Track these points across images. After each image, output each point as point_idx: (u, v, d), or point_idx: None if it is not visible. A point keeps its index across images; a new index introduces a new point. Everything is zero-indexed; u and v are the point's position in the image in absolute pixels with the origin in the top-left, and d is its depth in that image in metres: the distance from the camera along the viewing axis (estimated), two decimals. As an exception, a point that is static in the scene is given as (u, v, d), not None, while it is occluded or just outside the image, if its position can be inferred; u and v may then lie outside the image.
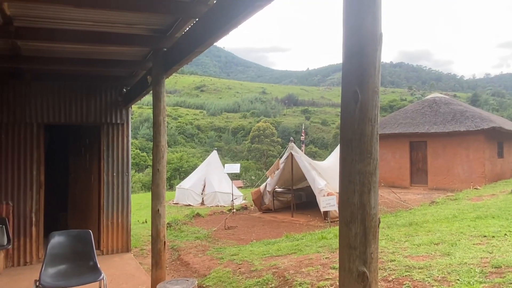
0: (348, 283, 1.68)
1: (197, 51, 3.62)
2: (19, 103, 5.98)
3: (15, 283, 5.07)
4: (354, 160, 1.65)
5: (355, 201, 1.65)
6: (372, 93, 1.65)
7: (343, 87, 1.72)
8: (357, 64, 1.67)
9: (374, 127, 1.65)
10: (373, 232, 1.67)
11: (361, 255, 1.64)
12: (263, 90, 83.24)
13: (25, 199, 5.96)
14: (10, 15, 3.59)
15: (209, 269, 5.50)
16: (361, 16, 1.66)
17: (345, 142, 1.69)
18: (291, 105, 72.40)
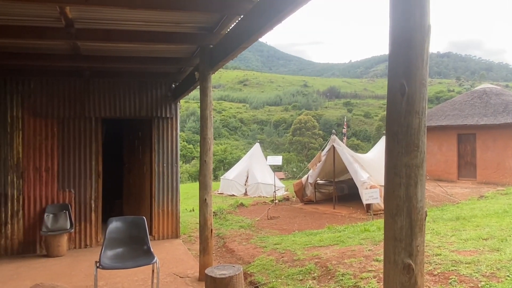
0: (393, 275, 1.69)
1: (242, 47, 3.74)
2: (79, 99, 6.47)
3: (77, 263, 5.55)
4: (400, 153, 1.65)
5: (401, 194, 1.65)
6: (419, 86, 1.65)
7: (389, 79, 1.72)
8: (404, 56, 1.66)
9: (421, 120, 1.65)
10: (419, 225, 1.66)
11: (407, 248, 1.65)
12: (305, 83, 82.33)
13: (85, 187, 6.48)
14: (71, 18, 3.91)
15: (253, 256, 5.68)
16: (409, 7, 1.64)
17: (391, 135, 1.70)
18: (333, 98, 71.07)
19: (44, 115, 6.31)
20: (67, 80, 6.41)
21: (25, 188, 6.21)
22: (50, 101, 6.34)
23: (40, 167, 6.28)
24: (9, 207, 6.12)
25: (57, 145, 6.37)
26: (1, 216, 6.07)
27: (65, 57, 5.27)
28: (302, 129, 41.88)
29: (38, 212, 6.24)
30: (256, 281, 4.51)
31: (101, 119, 6.64)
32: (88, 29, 4.23)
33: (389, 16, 1.71)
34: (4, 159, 6.10)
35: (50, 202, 6.30)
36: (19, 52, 5.07)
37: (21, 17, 3.84)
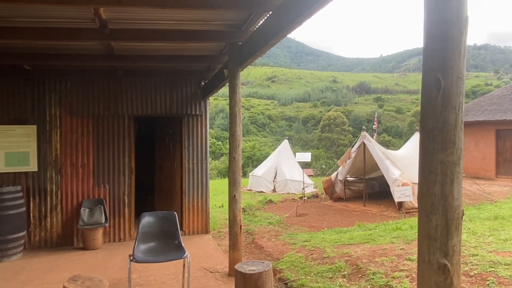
0: (427, 275, 1.65)
1: (271, 43, 3.73)
2: (112, 98, 6.68)
3: (111, 256, 5.75)
4: (435, 149, 1.60)
5: (436, 192, 1.61)
6: (456, 80, 1.59)
7: (424, 73, 1.67)
8: (439, 49, 1.60)
9: (458, 115, 1.59)
10: (456, 224, 1.61)
11: (442, 247, 1.61)
12: (334, 79, 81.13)
13: (119, 183, 6.69)
14: (105, 19, 4.03)
15: (282, 253, 5.69)
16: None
17: (426, 131, 1.64)
18: (363, 93, 69.57)
19: (80, 114, 6.57)
20: (101, 80, 6.63)
21: (63, 183, 6.49)
22: (85, 100, 6.59)
23: (76, 163, 6.54)
24: (48, 201, 6.42)
25: (92, 142, 6.61)
26: (41, 210, 6.38)
27: (99, 57, 5.44)
28: (331, 125, 41.36)
29: (75, 206, 6.51)
30: (285, 277, 4.51)
31: (133, 117, 6.83)
32: (120, 29, 4.35)
33: (424, 8, 1.65)
34: (44, 155, 6.40)
35: (86, 197, 6.56)
36: (57, 53, 5.29)
37: (59, 19, 4.01)
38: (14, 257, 5.73)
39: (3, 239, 5.55)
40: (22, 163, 6.31)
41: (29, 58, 5.31)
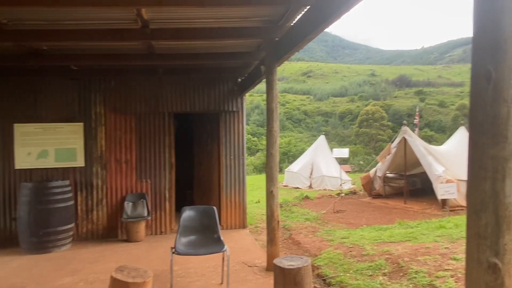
0: (476, 274, 1.59)
1: (308, 38, 3.69)
2: (153, 96, 6.90)
3: (153, 249, 5.96)
4: (485, 144, 1.53)
5: (486, 189, 1.54)
6: (508, 71, 1.49)
7: (473, 65, 1.59)
8: (491, 39, 1.52)
9: (510, 108, 1.50)
10: (507, 222, 1.54)
11: (493, 246, 1.54)
12: (372, 72, 78.93)
13: (160, 178, 6.92)
14: (147, 19, 4.16)
15: (319, 249, 5.65)
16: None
17: (475, 125, 1.57)
18: (403, 87, 67.13)
19: (123, 111, 6.84)
20: (143, 78, 6.87)
21: (107, 178, 6.79)
22: (128, 98, 6.85)
23: (120, 159, 6.83)
24: (94, 195, 6.75)
25: (135, 138, 6.87)
26: (88, 203, 6.73)
27: (141, 57, 5.63)
28: (369, 120, 40.35)
29: (119, 200, 6.80)
30: (324, 274, 4.49)
31: (173, 114, 7.02)
32: (161, 29, 4.47)
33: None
34: (90, 151, 6.73)
35: (129, 191, 6.83)
36: (101, 54, 5.53)
37: (104, 21, 4.19)
38: (64, 247, 6.09)
39: (54, 231, 5.91)
40: (70, 158, 6.67)
41: (76, 58, 5.60)
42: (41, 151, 6.57)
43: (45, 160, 6.59)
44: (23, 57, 5.36)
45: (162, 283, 4.26)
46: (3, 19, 4.03)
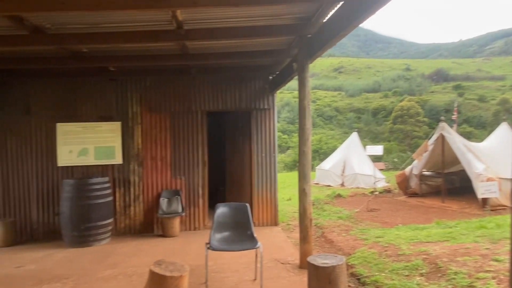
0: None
1: (342, 34, 3.65)
2: (186, 95, 7.05)
3: (188, 244, 6.10)
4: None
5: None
6: None
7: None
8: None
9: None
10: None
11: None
12: (407, 67, 76.45)
13: (193, 175, 7.07)
14: (181, 20, 4.26)
15: (353, 248, 5.58)
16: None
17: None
18: (440, 81, 64.55)
19: (158, 110, 7.03)
20: (177, 78, 7.03)
21: (144, 175, 7.02)
22: (162, 97, 7.03)
23: (156, 157, 7.03)
24: (132, 191, 7.00)
25: (170, 136, 7.05)
26: (125, 199, 6.98)
27: (175, 57, 5.76)
28: (404, 116, 39.18)
29: (155, 196, 7.01)
30: (358, 273, 4.43)
31: (205, 112, 7.15)
32: (195, 29, 4.56)
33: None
34: (127, 149, 6.97)
35: (164, 187, 7.03)
36: (137, 55, 5.71)
37: (140, 23, 4.32)
38: (104, 241, 6.36)
39: (94, 225, 6.18)
40: (109, 156, 6.94)
41: (113, 60, 5.80)
42: (81, 149, 6.88)
43: (85, 157, 6.89)
44: (65, 60, 5.62)
45: (197, 277, 4.36)
46: (47, 24, 4.25)
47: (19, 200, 6.78)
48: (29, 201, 6.80)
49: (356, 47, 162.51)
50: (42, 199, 6.82)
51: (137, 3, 3.29)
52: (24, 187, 6.79)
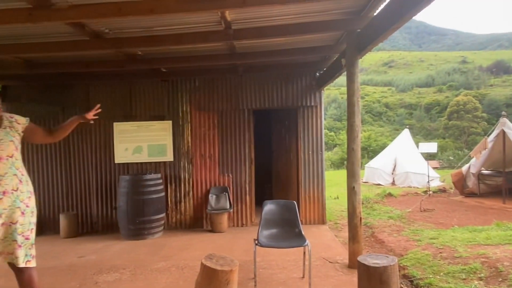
0: None
1: (394, 28, 3.53)
2: (233, 93, 7.18)
3: (236, 240, 6.22)
4: None
5: None
6: None
7: None
8: None
9: None
10: None
11: None
12: (463, 59, 71.95)
13: (241, 172, 7.19)
14: (230, 20, 4.34)
15: (405, 249, 5.39)
16: None
17: None
18: (500, 74, 60.00)
19: (207, 109, 7.22)
20: (224, 77, 7.17)
21: (193, 172, 7.25)
22: (211, 96, 7.21)
23: (204, 154, 7.24)
24: (182, 188, 7.26)
25: (218, 134, 7.22)
26: (176, 195, 7.26)
27: (223, 57, 5.88)
28: (460, 111, 36.99)
29: (204, 193, 7.22)
30: (411, 275, 4.28)
31: (252, 110, 7.23)
32: (243, 29, 4.63)
33: None
34: (178, 147, 7.24)
35: (213, 184, 7.21)
36: (187, 56, 5.90)
37: (190, 25, 4.47)
38: (157, 235, 6.66)
39: (148, 219, 6.49)
40: (161, 154, 7.25)
41: (165, 61, 6.05)
42: (136, 147, 7.25)
43: (139, 155, 7.25)
44: (121, 62, 5.95)
45: (246, 273, 4.44)
46: (105, 29, 4.53)
47: (80, 194, 7.29)
48: (90, 196, 7.29)
49: (407, 40, 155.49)
50: (101, 194, 7.29)
51: (188, 6, 3.40)
52: (85, 182, 7.29)
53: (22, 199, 2.81)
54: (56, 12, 3.51)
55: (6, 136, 2.82)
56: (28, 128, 2.97)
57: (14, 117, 2.94)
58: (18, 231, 2.76)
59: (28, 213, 2.85)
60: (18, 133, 2.91)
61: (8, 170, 2.75)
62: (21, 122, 2.95)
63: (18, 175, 2.82)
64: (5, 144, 2.78)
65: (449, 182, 12.83)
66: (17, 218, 2.76)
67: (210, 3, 3.41)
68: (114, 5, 3.48)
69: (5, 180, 2.72)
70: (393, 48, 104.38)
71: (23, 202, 2.81)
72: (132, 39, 4.78)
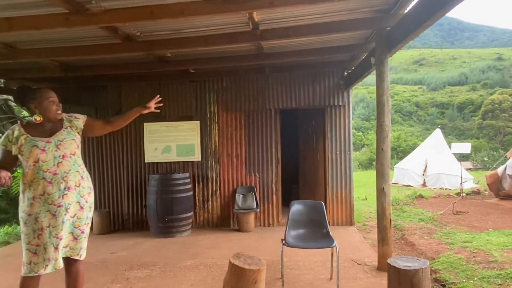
0: None
1: (425, 25, 3.44)
2: (260, 93, 7.20)
3: (263, 240, 6.24)
4: None
5: None
6: None
7: None
8: None
9: None
10: None
11: None
12: (499, 56, 68.94)
13: (267, 172, 7.20)
14: (257, 21, 4.36)
15: (437, 253, 5.24)
16: None
17: None
18: (541, 70, 57.12)
19: (234, 109, 7.28)
20: (251, 77, 7.21)
21: (220, 171, 7.33)
22: (238, 97, 7.27)
23: (231, 154, 7.30)
24: (210, 187, 7.35)
25: (244, 134, 7.27)
26: (204, 194, 7.36)
27: (250, 57, 5.91)
28: (495, 111, 35.51)
29: (231, 192, 7.29)
30: (443, 279, 4.15)
31: (279, 110, 7.23)
32: (270, 29, 4.63)
33: None
34: (205, 147, 7.34)
35: (239, 184, 7.27)
36: (215, 57, 5.97)
37: (218, 26, 4.52)
38: (185, 233, 6.78)
39: (177, 218, 6.62)
40: (189, 153, 7.37)
41: (194, 63, 6.14)
42: (165, 146, 7.41)
43: (168, 154, 7.40)
44: (151, 64, 6.09)
45: (273, 272, 4.46)
46: (137, 32, 4.65)
47: (112, 192, 7.53)
48: (121, 194, 7.52)
49: (439, 37, 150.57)
50: (131, 193, 7.49)
51: (218, 8, 3.45)
52: (116, 181, 7.52)
53: (83, 195, 2.98)
54: (91, 16, 3.64)
55: (68, 135, 3.01)
56: (87, 123, 3.15)
57: (73, 115, 3.13)
58: (75, 224, 2.94)
59: (87, 208, 3.02)
60: (78, 131, 3.10)
61: (71, 167, 2.93)
62: (80, 117, 3.15)
63: (80, 171, 2.99)
64: (68, 143, 2.96)
65: (483, 184, 12.36)
66: (76, 212, 2.93)
67: (239, 5, 3.44)
68: (146, 9, 3.57)
69: (69, 177, 2.89)
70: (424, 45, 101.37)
71: (83, 198, 2.98)
72: (162, 41, 4.89)
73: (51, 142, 2.90)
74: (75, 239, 2.95)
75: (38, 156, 2.84)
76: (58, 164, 2.87)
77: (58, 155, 2.89)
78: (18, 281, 2.86)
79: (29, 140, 2.86)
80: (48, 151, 2.87)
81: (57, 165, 2.86)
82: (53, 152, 2.88)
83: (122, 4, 3.61)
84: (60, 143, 2.92)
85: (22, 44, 5.00)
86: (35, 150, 2.84)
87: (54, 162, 2.86)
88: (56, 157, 2.88)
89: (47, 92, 2.99)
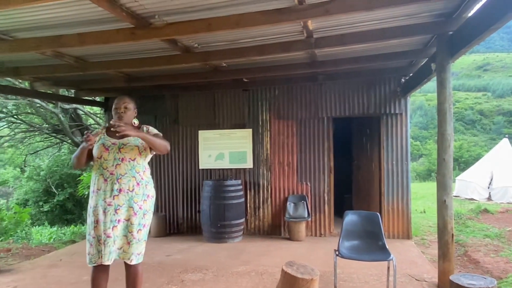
0: None
1: (492, 29, 3.25)
2: (313, 101, 7.16)
3: (314, 249, 6.15)
4: None
5: None
6: None
7: None
8: None
9: None
10: None
11: None
12: None
13: (319, 181, 7.11)
14: (312, 29, 4.36)
15: (505, 272, 4.84)
16: None
17: None
18: None
19: (286, 117, 7.30)
20: (304, 85, 7.19)
21: (272, 179, 7.36)
22: (290, 105, 7.28)
23: (283, 162, 7.31)
24: (261, 194, 7.40)
25: (296, 142, 7.25)
26: (255, 201, 7.42)
27: (303, 65, 5.91)
28: None
29: (282, 200, 7.28)
30: (513, 301, 3.82)
31: (332, 118, 7.12)
32: (324, 37, 4.61)
33: None
34: (257, 154, 7.42)
35: (291, 192, 7.24)
36: (268, 66, 6.05)
37: (273, 36, 4.58)
38: (237, 239, 6.88)
39: (229, 224, 6.74)
40: (241, 161, 7.49)
41: (247, 72, 6.26)
42: (218, 153, 7.60)
43: (221, 161, 7.58)
44: (207, 74, 6.31)
45: (325, 283, 4.37)
46: (195, 43, 4.86)
47: (168, 197, 7.85)
48: (176, 199, 7.81)
49: (505, 41, 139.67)
50: (186, 197, 7.76)
51: (273, 18, 3.51)
52: (172, 186, 7.83)
53: (136, 201, 3.12)
54: (154, 30, 3.87)
55: (134, 141, 3.20)
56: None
57: (149, 128, 3.35)
58: (129, 229, 3.08)
59: (140, 214, 3.14)
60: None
61: (128, 171, 3.11)
62: (152, 132, 3.31)
63: (137, 177, 3.15)
64: (129, 148, 3.16)
65: (560, 199, 11.19)
66: (129, 216, 3.08)
67: (294, 14, 3.47)
68: (204, 21, 3.73)
69: (123, 180, 3.08)
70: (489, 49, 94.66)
71: (136, 204, 3.12)
72: (218, 52, 5.05)
73: (116, 144, 3.13)
74: (128, 243, 3.07)
75: (102, 153, 3.10)
76: (116, 166, 3.07)
77: (118, 157, 3.09)
78: (83, 278, 3.07)
79: (102, 138, 3.18)
80: (111, 151, 3.10)
81: (115, 166, 3.07)
82: (115, 153, 3.10)
83: (182, 18, 3.80)
84: (124, 146, 3.13)
85: (91, 57, 5.43)
86: (101, 147, 3.12)
87: (114, 162, 3.07)
88: (116, 158, 3.09)
89: (115, 100, 3.27)
